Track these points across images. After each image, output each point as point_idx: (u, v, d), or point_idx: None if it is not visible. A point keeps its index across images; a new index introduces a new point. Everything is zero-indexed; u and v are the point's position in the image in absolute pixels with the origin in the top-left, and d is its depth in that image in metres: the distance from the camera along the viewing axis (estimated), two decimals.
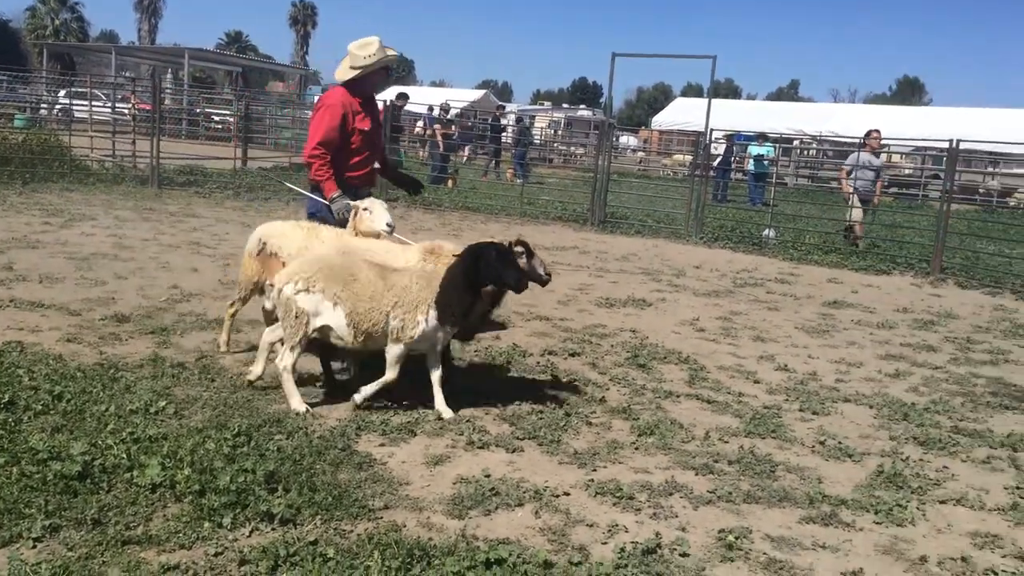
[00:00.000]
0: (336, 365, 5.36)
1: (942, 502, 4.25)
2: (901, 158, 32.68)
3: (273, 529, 3.41)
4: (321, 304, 4.60)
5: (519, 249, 4.92)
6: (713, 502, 4.07)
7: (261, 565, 3.11)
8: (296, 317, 4.62)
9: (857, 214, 13.59)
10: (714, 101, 33.69)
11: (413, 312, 4.65)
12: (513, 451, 4.51)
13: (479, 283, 4.78)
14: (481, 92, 55.15)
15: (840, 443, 4.97)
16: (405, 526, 3.55)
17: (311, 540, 3.30)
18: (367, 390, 4.82)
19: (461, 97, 48.47)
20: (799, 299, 9.59)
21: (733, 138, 23.07)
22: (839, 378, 6.42)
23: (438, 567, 3.17)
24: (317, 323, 4.64)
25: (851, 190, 13.52)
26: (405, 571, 3.13)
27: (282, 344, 4.85)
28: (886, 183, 14.58)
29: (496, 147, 24.78)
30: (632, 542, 3.55)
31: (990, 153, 26.89)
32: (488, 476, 4.13)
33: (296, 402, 4.77)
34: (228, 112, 30.08)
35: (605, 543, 3.57)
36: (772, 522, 3.91)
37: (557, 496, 3.98)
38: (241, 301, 5.73)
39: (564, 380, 5.84)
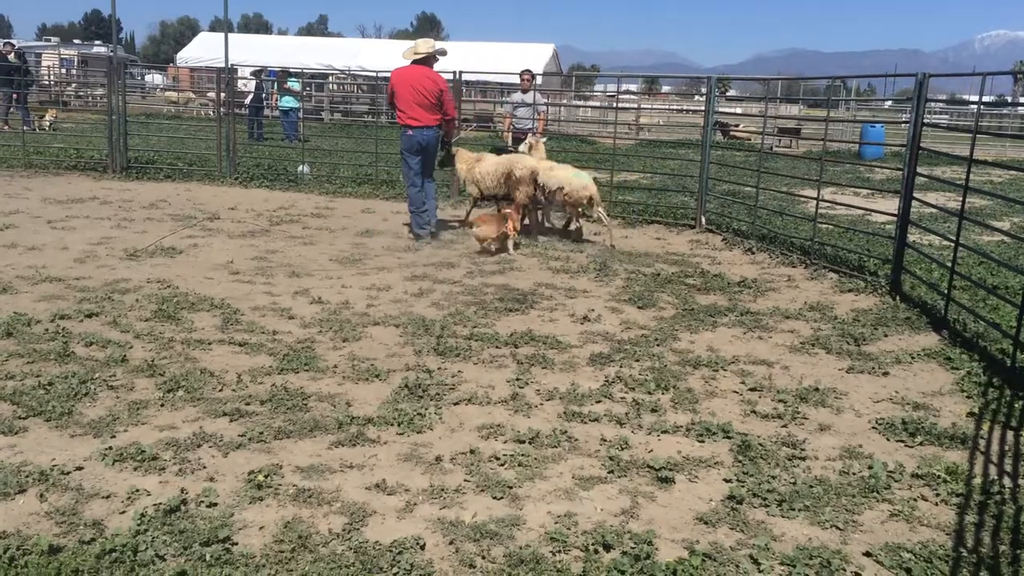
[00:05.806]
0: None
1: (456, 404, 4.69)
2: None
3: None
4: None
5: None
6: (244, 445, 4.02)
7: None
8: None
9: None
10: (242, 36, 32.49)
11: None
12: (14, 433, 4.01)
13: None
14: None
15: (370, 365, 5.22)
16: None
17: None
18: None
19: None
20: (334, 231, 9.81)
21: (262, 74, 22.51)
22: (370, 303, 6.71)
23: None
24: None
25: (509, 131, 13.40)
26: None
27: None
28: (545, 119, 14.64)
29: (23, 92, 21.09)
30: (154, 504, 3.38)
31: (486, 83, 30.00)
32: None
33: None
34: None
35: (124, 512, 3.34)
36: (303, 453, 3.99)
37: (67, 473, 3.63)
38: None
39: (79, 345, 5.31)
